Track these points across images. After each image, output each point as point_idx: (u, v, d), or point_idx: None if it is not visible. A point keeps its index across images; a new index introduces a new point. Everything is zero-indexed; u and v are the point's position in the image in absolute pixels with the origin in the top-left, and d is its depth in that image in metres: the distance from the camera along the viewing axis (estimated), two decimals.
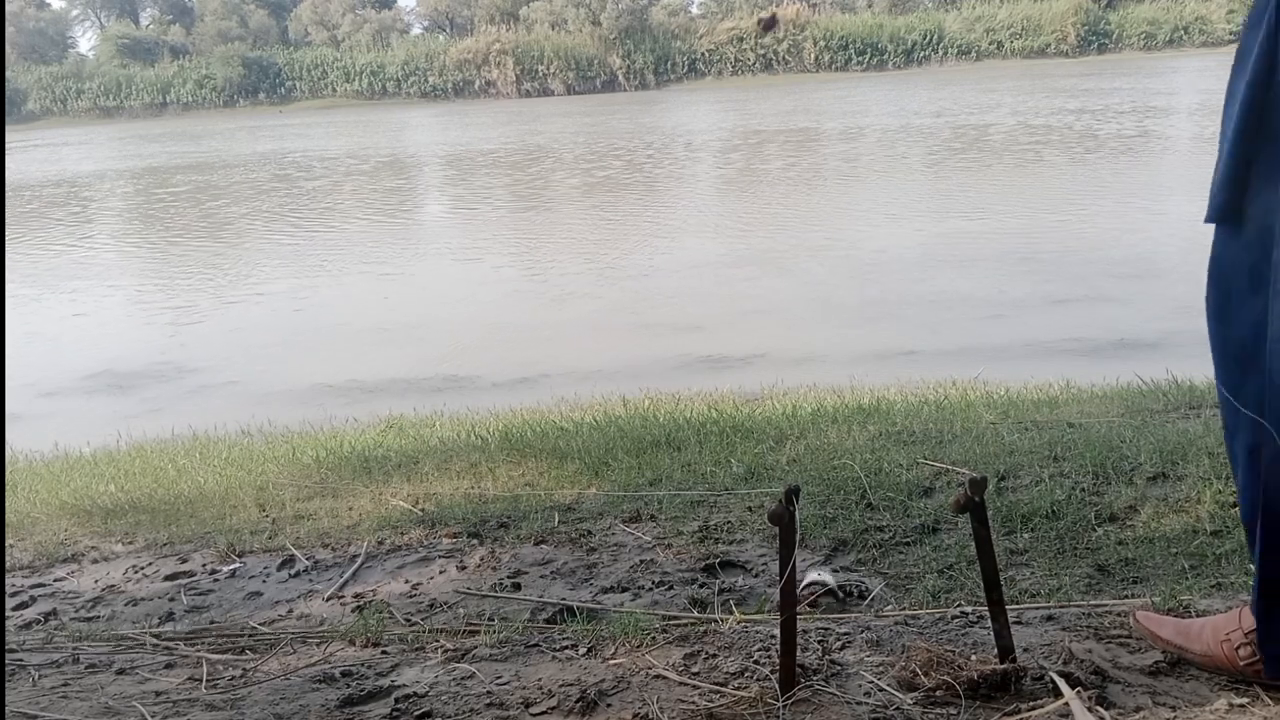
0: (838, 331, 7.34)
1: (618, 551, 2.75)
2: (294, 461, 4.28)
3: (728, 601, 2.31)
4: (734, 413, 4.47)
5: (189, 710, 1.86)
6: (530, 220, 14.22)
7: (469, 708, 1.75)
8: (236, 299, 9.93)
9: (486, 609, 2.41)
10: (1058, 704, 1.54)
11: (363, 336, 8.16)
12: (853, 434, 3.70)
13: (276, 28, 59.23)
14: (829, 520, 2.75)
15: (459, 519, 3.10)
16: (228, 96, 52.35)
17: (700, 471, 3.36)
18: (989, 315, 7.37)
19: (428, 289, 9.93)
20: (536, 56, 49.41)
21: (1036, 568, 2.35)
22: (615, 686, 1.77)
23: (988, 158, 16.52)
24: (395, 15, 59.75)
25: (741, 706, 1.64)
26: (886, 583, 2.37)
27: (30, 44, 57.77)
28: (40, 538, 3.41)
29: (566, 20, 51.23)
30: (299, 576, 2.82)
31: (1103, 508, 2.62)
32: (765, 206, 13.51)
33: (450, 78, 50.39)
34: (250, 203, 17.29)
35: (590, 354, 7.12)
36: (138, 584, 2.90)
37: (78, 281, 11.27)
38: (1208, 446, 2.94)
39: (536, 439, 4.03)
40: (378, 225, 14.32)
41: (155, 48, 56.11)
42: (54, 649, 2.27)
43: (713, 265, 9.86)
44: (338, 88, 52.10)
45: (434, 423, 5.17)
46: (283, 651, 2.15)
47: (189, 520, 3.48)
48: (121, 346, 8.32)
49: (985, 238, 10.18)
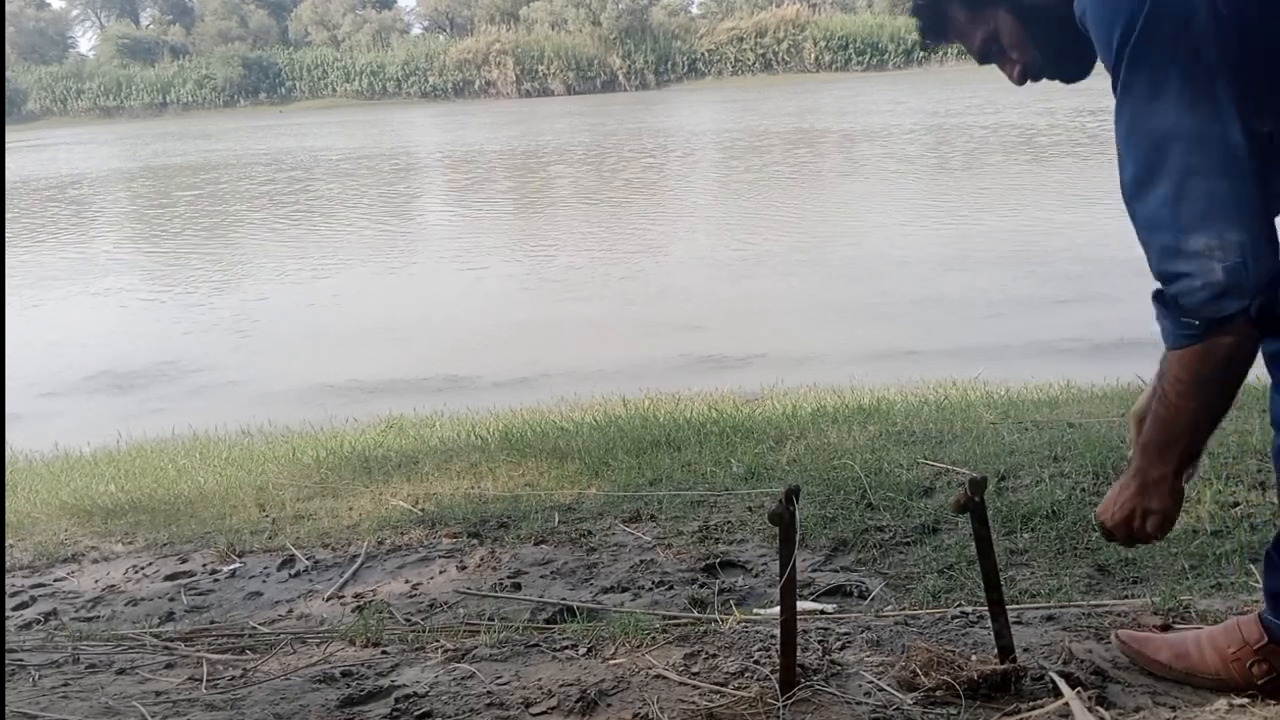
0: (838, 331, 7.33)
1: (618, 551, 2.75)
2: (294, 461, 4.28)
3: (728, 601, 2.31)
4: (734, 413, 4.47)
5: (189, 710, 1.86)
6: (530, 220, 14.22)
7: (469, 708, 1.75)
8: (237, 298, 9.93)
9: (486, 609, 2.41)
10: (1058, 704, 1.54)
11: (363, 336, 8.16)
12: (853, 434, 3.70)
13: (276, 28, 59.20)
14: (829, 520, 2.75)
15: (459, 519, 3.10)
16: (228, 96, 52.31)
17: (700, 471, 3.36)
18: (989, 315, 7.37)
19: (428, 289, 9.93)
20: (536, 56, 49.36)
21: (1036, 568, 2.35)
22: (615, 686, 1.77)
23: (988, 157, 16.52)
24: (395, 15, 59.72)
25: (741, 706, 1.64)
26: (886, 583, 2.37)
27: (30, 44, 57.75)
28: (40, 538, 3.41)
29: (566, 20, 51.19)
30: (299, 576, 2.82)
31: None
32: (765, 206, 13.50)
33: (450, 78, 50.34)
34: (250, 202, 17.29)
35: (590, 354, 7.12)
36: (138, 584, 2.90)
37: (78, 281, 11.27)
38: (1208, 446, 2.94)
39: (536, 439, 4.03)
40: (378, 225, 14.32)
41: (155, 48, 56.08)
42: (54, 649, 2.27)
43: (713, 265, 9.86)
44: (338, 88, 52.05)
45: (434, 423, 5.17)
46: (283, 651, 2.15)
47: (189, 520, 3.48)
48: (121, 346, 8.32)
49: (985, 237, 10.18)
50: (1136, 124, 1.25)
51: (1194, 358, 1.28)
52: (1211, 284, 1.20)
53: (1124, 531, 1.46)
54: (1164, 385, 1.34)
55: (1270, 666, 1.52)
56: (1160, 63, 1.22)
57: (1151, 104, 1.23)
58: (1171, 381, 1.32)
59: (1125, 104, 1.26)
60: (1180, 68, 1.21)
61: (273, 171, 21.90)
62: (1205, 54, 1.21)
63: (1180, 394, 1.31)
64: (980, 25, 1.46)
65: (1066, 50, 1.43)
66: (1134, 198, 1.27)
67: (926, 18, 1.52)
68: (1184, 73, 1.21)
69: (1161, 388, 1.35)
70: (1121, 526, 1.45)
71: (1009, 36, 1.45)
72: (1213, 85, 1.21)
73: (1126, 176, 1.28)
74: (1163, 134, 1.22)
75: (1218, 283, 1.20)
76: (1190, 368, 1.29)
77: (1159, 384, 1.37)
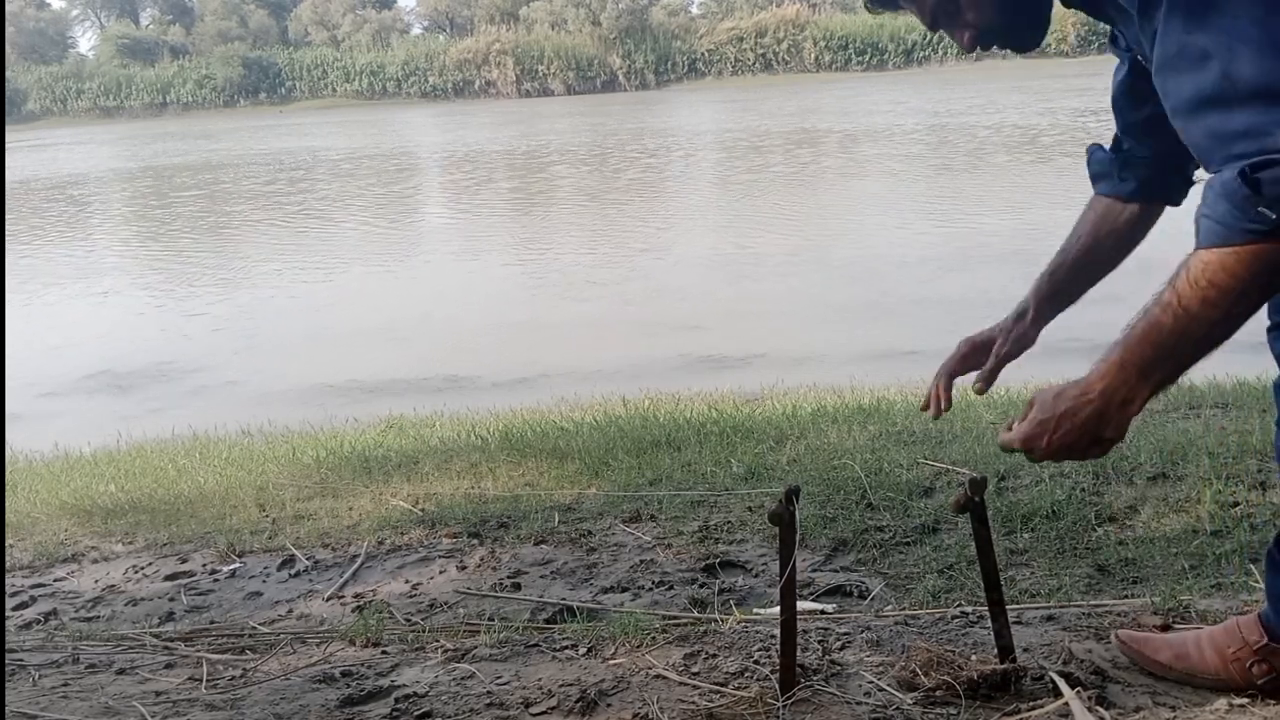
0: (838, 331, 7.33)
1: (618, 551, 2.75)
2: (294, 461, 4.28)
3: (728, 601, 2.31)
4: (734, 413, 4.47)
5: (189, 710, 1.86)
6: (531, 220, 14.22)
7: (469, 708, 1.75)
8: (237, 298, 9.93)
9: (486, 609, 2.41)
10: (1058, 704, 1.53)
11: (363, 336, 8.16)
12: (853, 434, 3.70)
13: (276, 28, 59.22)
14: (829, 520, 2.75)
15: (459, 519, 3.10)
16: (228, 96, 52.32)
17: (700, 471, 3.36)
18: (989, 315, 7.34)
19: (428, 288, 9.93)
20: (536, 56, 49.38)
21: (1036, 568, 2.35)
22: (615, 686, 1.77)
23: (988, 157, 16.52)
24: (395, 15, 59.75)
25: (741, 706, 1.64)
26: (886, 583, 2.37)
27: (30, 44, 57.76)
28: (40, 538, 3.41)
29: (566, 20, 51.20)
30: (299, 576, 2.82)
31: (1103, 508, 2.62)
32: (765, 206, 13.50)
33: (450, 78, 50.35)
34: (251, 202, 17.29)
35: (590, 354, 7.12)
36: (138, 584, 2.90)
37: (78, 281, 11.27)
38: (1208, 446, 2.94)
39: (536, 439, 4.03)
40: (378, 225, 14.32)
41: (155, 48, 56.10)
42: (54, 649, 2.27)
43: (713, 265, 9.86)
44: (338, 88, 52.07)
45: (434, 423, 5.17)
46: (283, 651, 2.15)
47: (189, 520, 3.48)
48: (121, 346, 8.32)
49: (985, 237, 10.18)
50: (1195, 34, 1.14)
51: (1251, 258, 1.12)
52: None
53: (1058, 456, 1.30)
54: (1182, 291, 1.18)
55: (1270, 666, 1.52)
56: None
57: (1208, 9, 1.12)
58: (1203, 285, 1.16)
59: (1174, 21, 1.14)
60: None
61: (273, 171, 21.91)
62: None
63: (1208, 301, 1.16)
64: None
65: (1027, 13, 1.37)
66: (1205, 109, 1.15)
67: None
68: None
69: (1175, 295, 1.19)
70: (1059, 452, 1.29)
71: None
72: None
73: (1190, 92, 1.15)
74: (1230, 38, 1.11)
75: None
76: (1240, 269, 1.13)
77: (1170, 292, 1.20)
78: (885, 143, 19.75)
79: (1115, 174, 1.63)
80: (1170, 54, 1.17)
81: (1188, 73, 1.15)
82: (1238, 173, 1.10)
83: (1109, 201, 1.66)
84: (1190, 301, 1.17)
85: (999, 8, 1.37)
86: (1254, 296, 1.16)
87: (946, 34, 1.43)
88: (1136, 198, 1.62)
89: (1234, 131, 1.12)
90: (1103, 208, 1.66)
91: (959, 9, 1.38)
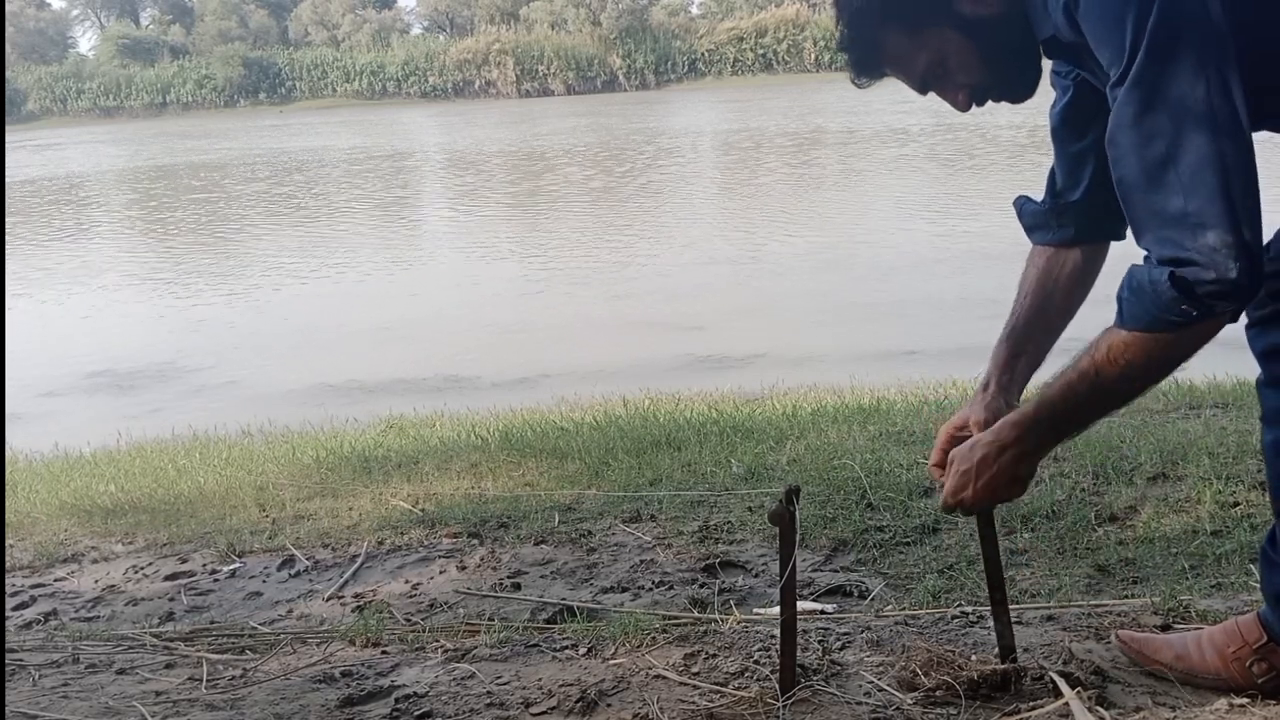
0: (838, 331, 7.33)
1: (618, 551, 2.74)
2: (294, 461, 4.28)
3: (728, 601, 2.31)
4: (734, 413, 4.47)
5: (189, 710, 1.86)
6: (531, 220, 14.21)
7: (469, 708, 1.75)
8: (237, 298, 9.93)
9: (486, 609, 2.41)
10: (1058, 704, 1.53)
11: (363, 336, 8.16)
12: (853, 434, 3.70)
13: (276, 28, 59.24)
14: (829, 520, 2.75)
15: (459, 519, 3.10)
16: (228, 96, 52.32)
17: (700, 471, 3.36)
18: (990, 315, 7.35)
19: (428, 288, 9.93)
20: (536, 56, 49.37)
21: (1036, 568, 2.35)
22: (615, 686, 1.77)
23: (988, 157, 16.51)
24: (395, 15, 59.76)
25: (741, 706, 1.64)
26: (886, 583, 2.37)
27: (30, 44, 57.78)
28: (40, 538, 3.41)
29: (566, 20, 51.22)
30: (299, 576, 2.82)
31: (1103, 508, 2.62)
32: (765, 207, 13.50)
33: (450, 78, 50.34)
34: (251, 202, 17.29)
35: (590, 354, 7.12)
36: (138, 584, 2.90)
37: (78, 281, 11.27)
38: (1208, 446, 2.94)
39: (536, 439, 4.03)
40: (378, 225, 14.32)
41: (155, 48, 56.10)
42: (54, 649, 2.27)
43: (713, 265, 9.85)
44: (338, 88, 52.06)
45: (434, 423, 5.17)
46: (283, 651, 2.15)
47: (189, 520, 3.48)
48: (122, 346, 8.31)
49: (986, 237, 10.17)
50: (1153, 112, 1.17)
51: (1166, 343, 1.23)
52: (1226, 279, 1.15)
53: (984, 500, 1.46)
54: (1100, 365, 1.27)
55: (1270, 666, 1.52)
56: (1180, 50, 1.15)
57: (1170, 92, 1.16)
58: (1121, 364, 1.25)
59: (1136, 94, 1.18)
60: (1196, 54, 1.15)
61: (273, 171, 21.90)
62: (1224, 44, 1.16)
63: (1124, 376, 1.26)
64: (924, 49, 1.36)
65: (1019, 65, 1.37)
66: (1147, 186, 1.19)
67: (860, 50, 1.41)
68: (1203, 60, 1.15)
69: (1094, 367, 1.28)
70: (985, 494, 1.44)
71: (957, 57, 1.35)
72: (1230, 77, 1.16)
73: (1135, 165, 1.20)
74: (1184, 123, 1.16)
75: (1230, 279, 1.15)
76: (1158, 351, 1.24)
77: (1086, 362, 1.29)
78: (885, 143, 19.74)
79: (1052, 223, 1.63)
80: (1124, 123, 1.21)
81: (1137, 148, 1.20)
82: (1167, 275, 1.18)
83: (1050, 251, 1.65)
84: (1107, 375, 1.28)
85: (988, 65, 1.37)
86: (1163, 374, 1.30)
87: (940, 97, 1.43)
88: (1078, 242, 1.61)
89: (1170, 215, 1.18)
90: (1044, 260, 1.65)
91: (948, 71, 1.38)
